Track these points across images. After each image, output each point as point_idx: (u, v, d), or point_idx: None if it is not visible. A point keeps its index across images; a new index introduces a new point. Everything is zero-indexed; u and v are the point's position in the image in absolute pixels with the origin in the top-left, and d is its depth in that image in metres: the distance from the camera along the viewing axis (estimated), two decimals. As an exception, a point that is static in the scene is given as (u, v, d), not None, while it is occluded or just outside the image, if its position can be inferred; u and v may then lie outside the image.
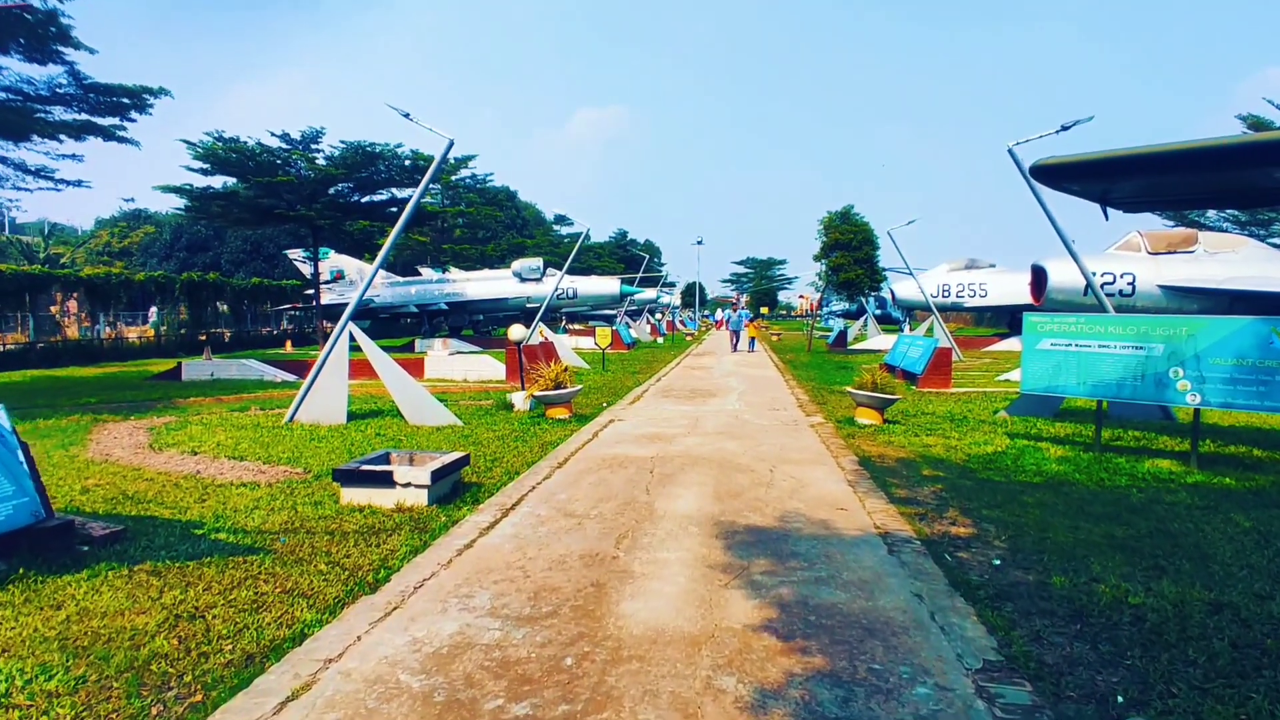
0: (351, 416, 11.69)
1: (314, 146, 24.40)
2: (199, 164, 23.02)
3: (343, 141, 24.39)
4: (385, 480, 6.30)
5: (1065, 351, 8.99)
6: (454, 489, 6.81)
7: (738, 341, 31.13)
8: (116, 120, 15.39)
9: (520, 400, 12.06)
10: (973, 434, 10.18)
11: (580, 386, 11.34)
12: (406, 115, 11.56)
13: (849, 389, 11.01)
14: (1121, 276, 17.69)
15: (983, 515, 6.18)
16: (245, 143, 23.22)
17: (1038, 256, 19.78)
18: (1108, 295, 18.82)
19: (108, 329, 35.77)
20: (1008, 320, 37.52)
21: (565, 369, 11.35)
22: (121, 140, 15.69)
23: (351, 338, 11.48)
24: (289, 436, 9.95)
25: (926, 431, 10.32)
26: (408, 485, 6.28)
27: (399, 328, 41.06)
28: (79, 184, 19.11)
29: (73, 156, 16.36)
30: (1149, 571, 4.84)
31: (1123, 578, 4.71)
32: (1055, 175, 10.04)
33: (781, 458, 8.29)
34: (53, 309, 33.77)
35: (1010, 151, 12.28)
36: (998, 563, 5.00)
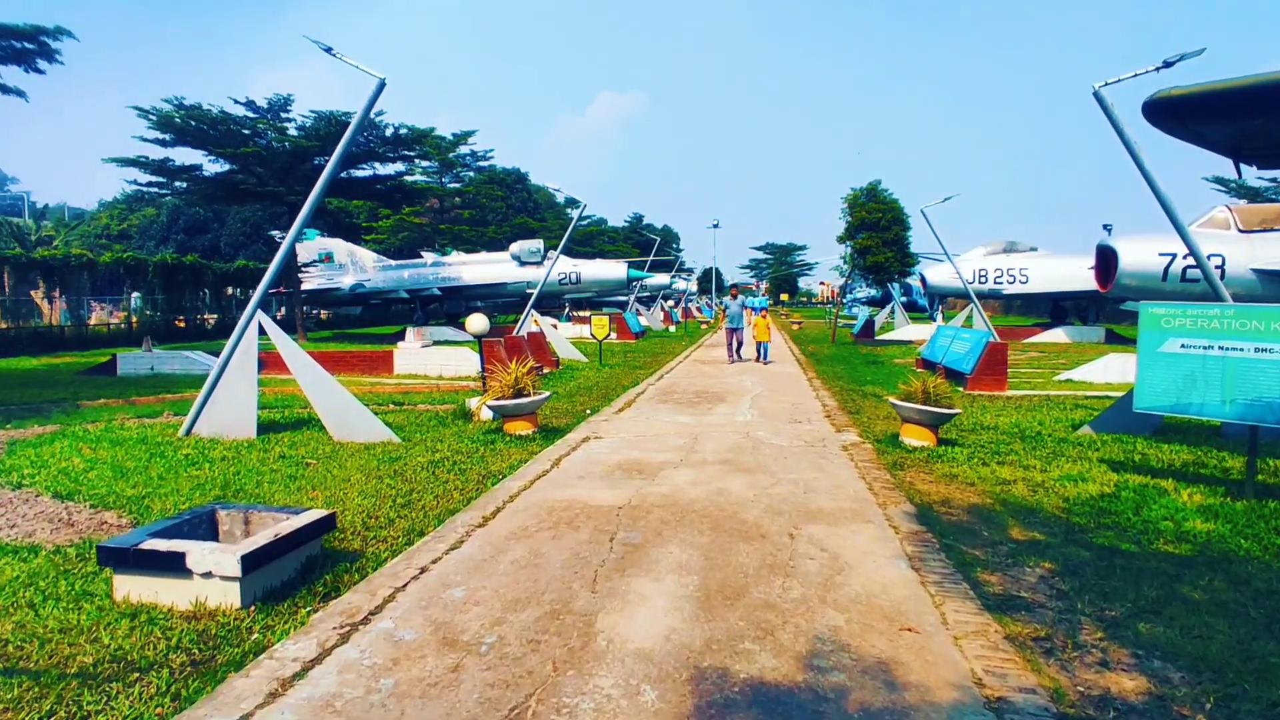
0: (269, 427, 9.45)
1: (283, 116, 22.05)
2: (155, 133, 20.79)
3: (313, 111, 22.04)
4: (175, 565, 3.97)
5: (1204, 356, 6.44)
6: (305, 569, 4.47)
7: (738, 345, 19.48)
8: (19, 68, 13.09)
9: (478, 407, 9.72)
10: (1057, 461, 7.69)
11: (548, 394, 8.97)
12: (329, 50, 9.26)
13: (893, 400, 8.52)
14: (1209, 259, 14.89)
15: (1141, 636, 3.73)
16: (208, 110, 20.96)
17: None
18: (1190, 281, 16.11)
19: (93, 315, 34.15)
20: (1049, 309, 34.61)
21: (529, 371, 8.96)
22: (4, 90, 13.45)
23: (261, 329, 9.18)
24: (168, 458, 7.71)
25: (996, 457, 7.83)
26: (209, 575, 3.95)
27: (393, 314, 39.01)
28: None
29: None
30: None
31: None
32: (1179, 114, 7.37)
33: (806, 508, 5.85)
34: (34, 294, 32.14)
35: (1096, 94, 9.56)
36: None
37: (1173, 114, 6.98)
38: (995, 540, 5.27)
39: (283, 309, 38.02)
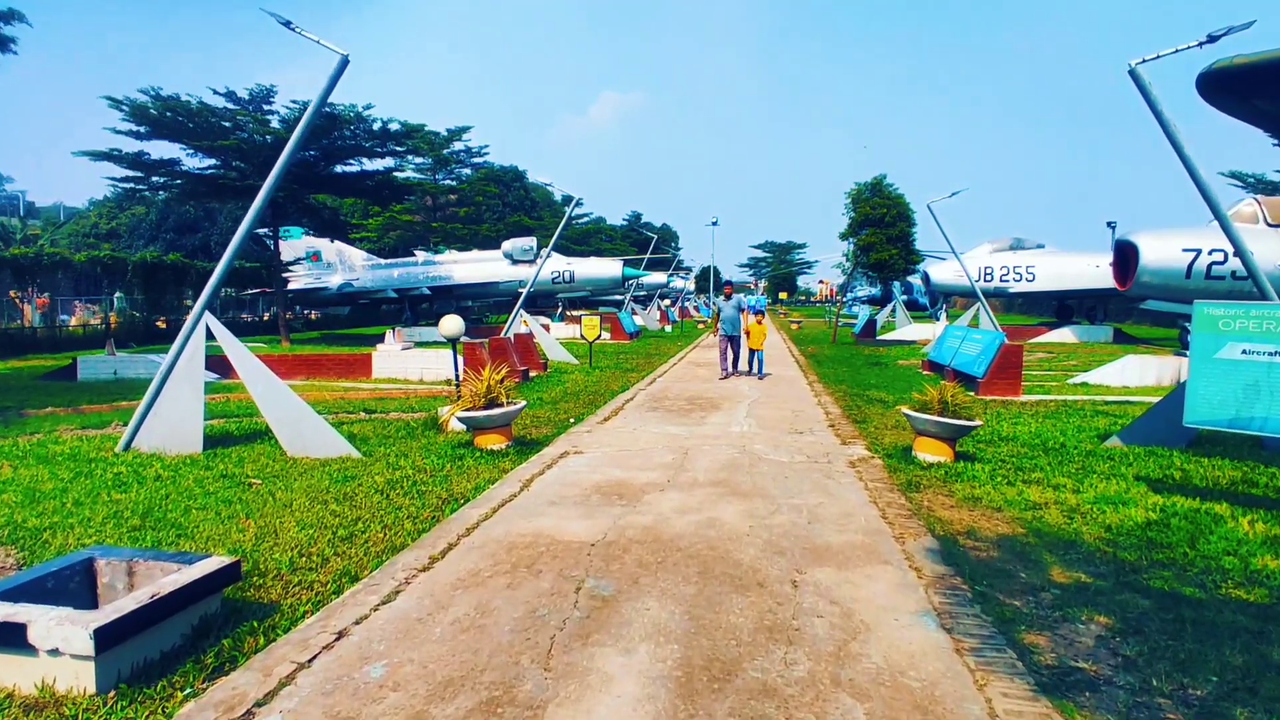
0: (220, 439, 8.65)
1: (265, 108, 21.17)
2: (129, 125, 19.90)
3: (294, 101, 21.15)
4: (16, 639, 3.14)
5: (1270, 364, 5.62)
6: (198, 633, 3.63)
7: (735, 356, 15.49)
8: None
9: (447, 417, 8.89)
10: (1089, 479, 6.86)
11: (523, 404, 8.12)
12: (288, 24, 8.45)
13: (906, 410, 7.69)
14: (1235, 255, 14.07)
15: (1244, 732, 2.91)
16: (186, 101, 20.09)
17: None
18: (1215, 278, 15.29)
19: (74, 315, 33.32)
20: (1055, 308, 33.84)
21: (504, 378, 8.12)
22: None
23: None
24: (95, 478, 6.88)
25: (1020, 474, 7.00)
26: (55, 652, 3.12)
27: (384, 314, 38.15)
28: None
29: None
30: None
31: None
32: (1241, 87, 6.54)
33: (811, 544, 5.01)
34: (13, 294, 31.27)
35: (1132, 72, 8.75)
36: None
37: (1233, 87, 6.16)
38: (1035, 585, 4.44)
39: (269, 310, 37.21)
